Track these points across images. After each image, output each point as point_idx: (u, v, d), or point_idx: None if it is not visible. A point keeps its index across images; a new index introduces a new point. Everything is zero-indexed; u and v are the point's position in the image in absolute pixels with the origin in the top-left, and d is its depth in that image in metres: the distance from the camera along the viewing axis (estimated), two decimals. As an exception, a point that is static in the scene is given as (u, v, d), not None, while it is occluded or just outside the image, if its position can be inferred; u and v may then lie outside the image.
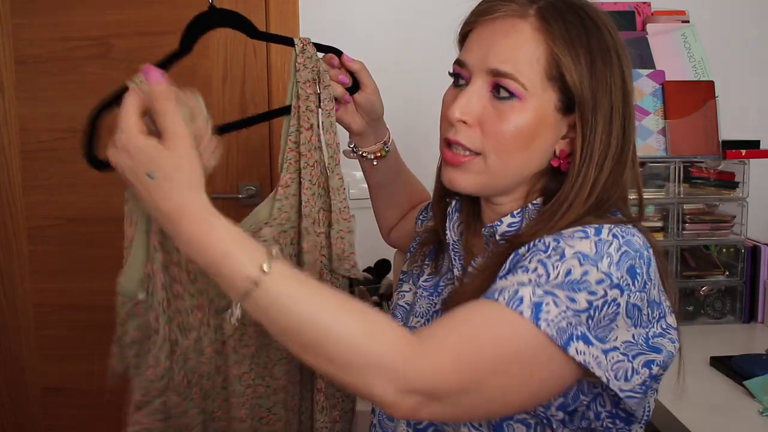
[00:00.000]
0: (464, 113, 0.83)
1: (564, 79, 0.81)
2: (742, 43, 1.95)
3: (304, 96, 1.02)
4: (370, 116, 1.10)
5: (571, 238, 0.76)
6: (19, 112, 1.92)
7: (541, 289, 0.71)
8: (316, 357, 0.69)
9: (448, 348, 0.68)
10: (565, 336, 0.70)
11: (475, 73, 0.84)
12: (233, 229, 0.72)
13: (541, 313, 0.70)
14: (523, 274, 0.74)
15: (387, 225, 1.26)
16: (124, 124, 0.76)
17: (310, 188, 1.03)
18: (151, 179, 0.73)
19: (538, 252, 0.76)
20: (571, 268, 0.73)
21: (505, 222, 0.88)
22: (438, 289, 0.98)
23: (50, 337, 2.01)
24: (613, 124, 0.82)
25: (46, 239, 1.98)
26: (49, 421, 2.06)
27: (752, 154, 1.70)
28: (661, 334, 0.79)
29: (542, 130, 0.83)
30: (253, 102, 1.93)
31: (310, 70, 1.03)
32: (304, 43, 1.03)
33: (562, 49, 0.80)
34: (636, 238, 0.78)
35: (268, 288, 0.69)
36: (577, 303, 0.72)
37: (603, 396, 0.81)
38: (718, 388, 1.33)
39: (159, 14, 1.88)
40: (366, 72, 1.08)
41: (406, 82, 1.82)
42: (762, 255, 1.72)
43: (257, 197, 1.95)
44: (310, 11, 1.89)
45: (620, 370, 0.75)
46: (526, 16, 0.82)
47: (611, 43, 0.83)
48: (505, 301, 0.71)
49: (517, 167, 0.85)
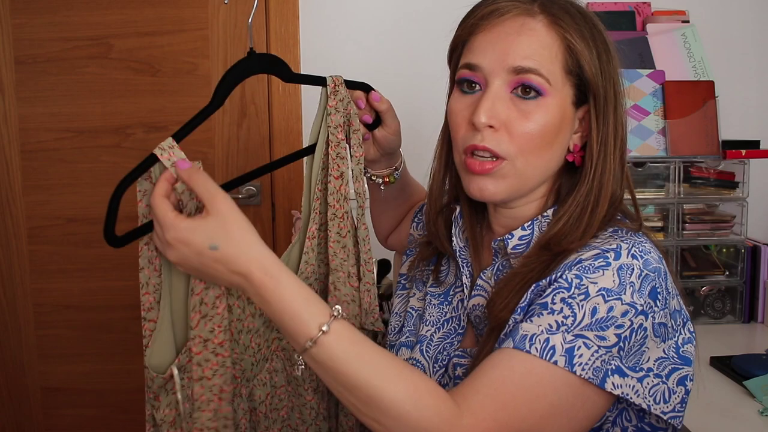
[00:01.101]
0: (491, 117, 0.81)
1: (582, 70, 0.82)
2: (742, 43, 1.95)
3: (335, 142, 0.97)
4: (385, 150, 1.07)
5: (593, 271, 0.76)
6: (19, 112, 1.92)
7: (571, 334, 0.73)
8: (365, 416, 0.73)
9: (489, 412, 0.71)
10: (600, 374, 0.72)
11: (493, 75, 0.82)
12: (298, 286, 0.75)
13: (574, 358, 0.72)
14: (549, 316, 0.74)
15: (384, 232, 1.25)
16: (163, 220, 0.77)
17: (339, 240, 0.98)
18: (217, 250, 0.75)
19: (561, 290, 0.76)
20: (597, 306, 0.74)
21: (516, 235, 0.87)
22: (448, 298, 0.96)
23: (50, 337, 2.01)
24: (618, 115, 0.84)
25: (46, 239, 1.98)
26: (49, 421, 2.05)
27: (752, 154, 1.70)
28: (689, 340, 0.80)
29: (564, 125, 0.83)
30: (254, 103, 1.93)
31: (342, 114, 0.97)
32: (337, 83, 0.97)
33: (578, 41, 0.81)
34: (652, 255, 0.79)
35: (325, 347, 0.72)
36: (607, 340, 0.73)
37: (628, 411, 0.81)
38: (718, 388, 1.33)
39: (159, 14, 1.88)
40: (391, 112, 1.03)
41: (406, 82, 1.82)
42: (762, 255, 1.72)
43: (257, 197, 1.96)
44: (310, 11, 1.89)
45: (657, 393, 0.76)
46: (533, 14, 0.82)
47: (607, 37, 0.85)
48: (538, 352, 0.72)
49: (542, 167, 0.84)
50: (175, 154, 0.85)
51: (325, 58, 1.89)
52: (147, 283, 0.88)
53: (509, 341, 0.74)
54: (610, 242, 0.79)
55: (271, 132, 1.94)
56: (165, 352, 0.88)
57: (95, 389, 2.03)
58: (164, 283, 0.87)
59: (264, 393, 0.99)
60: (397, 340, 1.00)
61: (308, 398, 1.03)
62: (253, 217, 1.97)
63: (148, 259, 0.88)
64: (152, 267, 0.88)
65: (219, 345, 0.87)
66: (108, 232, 0.86)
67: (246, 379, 0.97)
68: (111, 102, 1.92)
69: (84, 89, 1.91)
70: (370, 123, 1.03)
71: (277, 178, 1.95)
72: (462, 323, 0.93)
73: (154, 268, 0.88)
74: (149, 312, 0.89)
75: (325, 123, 0.97)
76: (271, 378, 1.00)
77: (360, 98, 1.01)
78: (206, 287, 0.85)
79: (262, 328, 0.97)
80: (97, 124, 1.92)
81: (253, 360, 0.97)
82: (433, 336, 0.94)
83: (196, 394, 0.87)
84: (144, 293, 0.88)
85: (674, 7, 1.88)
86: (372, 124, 1.03)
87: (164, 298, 0.88)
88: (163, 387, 0.89)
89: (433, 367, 0.92)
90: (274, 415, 1.01)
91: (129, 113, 1.92)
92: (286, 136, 1.93)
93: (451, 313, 0.95)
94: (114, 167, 1.90)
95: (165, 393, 0.89)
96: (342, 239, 0.98)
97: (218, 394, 0.88)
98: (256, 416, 1.00)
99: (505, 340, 0.76)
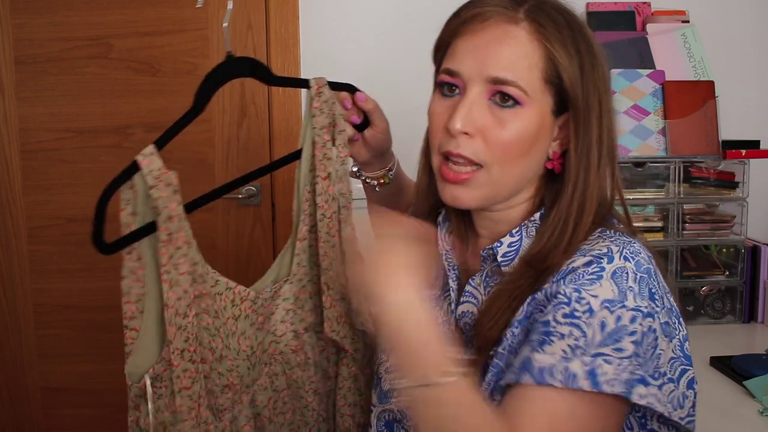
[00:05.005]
0: (466, 124, 0.81)
1: (561, 79, 0.80)
2: (742, 43, 1.95)
3: (320, 143, 0.97)
4: (377, 151, 1.07)
5: (590, 282, 0.75)
6: (19, 112, 1.92)
7: (587, 355, 0.72)
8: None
9: None
10: (627, 386, 0.72)
11: (471, 82, 0.82)
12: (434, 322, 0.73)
13: (598, 377, 0.71)
14: (560, 342, 0.73)
15: None
16: None
17: (329, 240, 0.98)
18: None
19: (561, 305, 0.75)
20: (605, 320, 0.73)
21: (505, 242, 0.86)
22: (438, 303, 0.95)
23: (50, 337, 2.01)
24: (603, 123, 0.82)
25: (46, 239, 1.98)
26: (49, 421, 2.05)
27: (752, 154, 1.70)
28: (686, 336, 0.80)
29: (541, 134, 0.82)
30: (254, 103, 1.93)
31: (327, 115, 0.98)
32: (320, 85, 0.98)
33: (559, 50, 0.80)
34: (642, 255, 0.78)
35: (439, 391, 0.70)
36: (625, 350, 0.72)
37: (630, 418, 0.81)
38: (718, 388, 1.33)
39: (159, 14, 1.88)
40: (378, 111, 1.04)
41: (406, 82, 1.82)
42: (762, 255, 1.72)
43: (257, 197, 1.96)
44: (310, 11, 1.89)
45: (674, 399, 0.76)
46: (517, 21, 0.81)
47: (594, 43, 0.83)
48: (563, 383, 0.71)
49: (518, 175, 0.84)
50: (154, 162, 0.87)
51: (325, 58, 1.89)
52: (129, 292, 0.89)
53: (527, 376, 0.73)
54: (599, 245, 0.79)
55: (271, 132, 1.94)
56: (146, 362, 0.89)
57: (95, 389, 2.03)
58: (149, 294, 0.89)
59: (266, 397, 0.99)
60: None
61: (309, 400, 1.03)
62: (253, 217, 1.97)
63: (130, 269, 0.89)
64: (134, 277, 0.89)
65: (194, 352, 0.88)
66: (96, 239, 0.87)
67: (245, 385, 0.97)
68: (111, 102, 1.92)
69: (84, 89, 1.91)
70: (358, 124, 1.03)
71: (277, 178, 1.95)
72: (450, 329, 0.92)
73: (137, 278, 0.89)
74: (131, 321, 0.89)
75: (310, 125, 0.98)
76: (272, 382, 1.00)
77: (346, 99, 1.02)
78: (178, 298, 0.86)
79: (250, 330, 0.96)
80: (97, 124, 1.92)
81: (248, 364, 0.96)
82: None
83: (177, 405, 0.88)
84: (125, 302, 0.89)
85: (674, 7, 1.88)
86: (360, 125, 1.03)
87: (149, 309, 0.89)
88: (142, 396, 0.90)
89: None
90: (280, 419, 1.01)
91: (129, 113, 1.92)
92: (286, 136, 1.92)
93: (441, 318, 0.94)
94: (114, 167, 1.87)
95: (144, 402, 0.90)
96: (331, 239, 0.98)
97: (197, 400, 0.89)
98: (260, 421, 0.99)
99: (521, 374, 0.74)
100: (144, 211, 0.89)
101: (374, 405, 0.98)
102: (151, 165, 0.87)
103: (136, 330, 0.89)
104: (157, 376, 0.89)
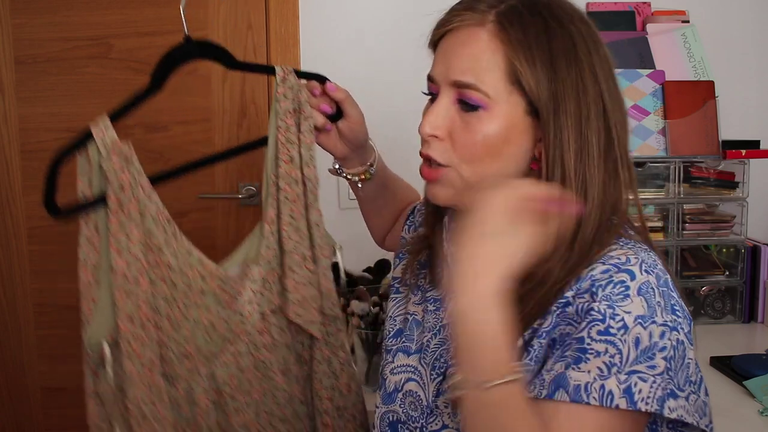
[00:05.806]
0: (434, 128, 0.84)
1: (521, 81, 0.79)
2: (742, 43, 1.95)
3: (284, 127, 1.01)
4: (353, 144, 1.08)
5: (621, 297, 0.74)
6: (19, 112, 1.92)
7: (623, 374, 0.72)
8: None
9: None
10: (660, 402, 0.72)
11: (442, 86, 0.84)
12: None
13: (634, 395, 0.71)
14: (596, 360, 0.73)
15: (379, 233, 1.25)
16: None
17: (292, 223, 1.01)
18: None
19: (596, 323, 0.74)
20: (639, 336, 0.73)
21: None
22: (445, 304, 0.95)
23: (50, 337, 2.01)
24: (586, 124, 0.79)
25: (46, 239, 1.98)
26: (49, 421, 2.05)
27: (752, 154, 1.70)
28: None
29: (513, 135, 0.81)
30: (254, 103, 1.93)
31: (291, 101, 1.02)
32: (286, 72, 1.02)
33: (518, 54, 0.79)
34: (659, 267, 0.78)
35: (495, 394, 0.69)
36: (657, 367, 0.72)
37: None
38: (718, 388, 1.33)
39: (159, 14, 1.88)
40: (350, 101, 1.05)
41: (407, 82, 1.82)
42: (762, 255, 1.72)
43: (257, 197, 1.96)
44: (310, 11, 1.89)
45: (699, 407, 0.76)
46: (484, 23, 0.81)
47: (579, 41, 0.80)
48: (598, 401, 0.71)
49: (495, 175, 0.83)
50: (107, 134, 0.93)
51: (325, 58, 1.89)
52: (85, 261, 0.93)
53: (561, 392, 0.73)
54: (616, 251, 0.78)
55: (271, 132, 1.94)
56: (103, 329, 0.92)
57: (95, 389, 2.03)
58: (104, 263, 0.92)
59: (226, 374, 1.01)
60: (394, 345, 0.99)
61: (278, 380, 1.05)
62: (253, 217, 1.97)
63: (86, 238, 0.93)
64: (91, 246, 0.93)
65: (146, 319, 0.91)
66: (48, 202, 0.91)
67: (204, 357, 0.98)
68: (111, 102, 1.88)
69: (84, 89, 1.91)
70: (329, 113, 1.05)
71: (277, 178, 1.94)
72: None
73: (94, 248, 0.93)
74: (87, 289, 0.93)
75: (274, 109, 1.02)
76: (236, 361, 1.02)
77: (315, 87, 1.04)
78: (128, 264, 0.90)
79: (214, 306, 0.98)
80: (97, 124, 1.92)
81: (206, 337, 0.98)
82: (429, 342, 0.94)
83: (127, 370, 0.91)
84: (82, 269, 0.93)
85: (674, 7, 1.88)
86: (334, 116, 1.05)
87: (104, 278, 0.92)
88: (100, 364, 0.93)
89: (431, 374, 0.92)
90: (246, 399, 1.03)
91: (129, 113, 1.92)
92: (286, 136, 1.92)
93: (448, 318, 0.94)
94: (114, 167, 1.90)
95: (102, 369, 0.93)
96: (294, 221, 1.01)
97: (149, 366, 0.92)
98: (222, 397, 1.01)
99: (556, 390, 0.73)
100: (100, 183, 0.94)
101: (378, 406, 0.98)
102: (104, 136, 0.91)
103: (94, 300, 0.92)
104: (115, 342, 0.92)
